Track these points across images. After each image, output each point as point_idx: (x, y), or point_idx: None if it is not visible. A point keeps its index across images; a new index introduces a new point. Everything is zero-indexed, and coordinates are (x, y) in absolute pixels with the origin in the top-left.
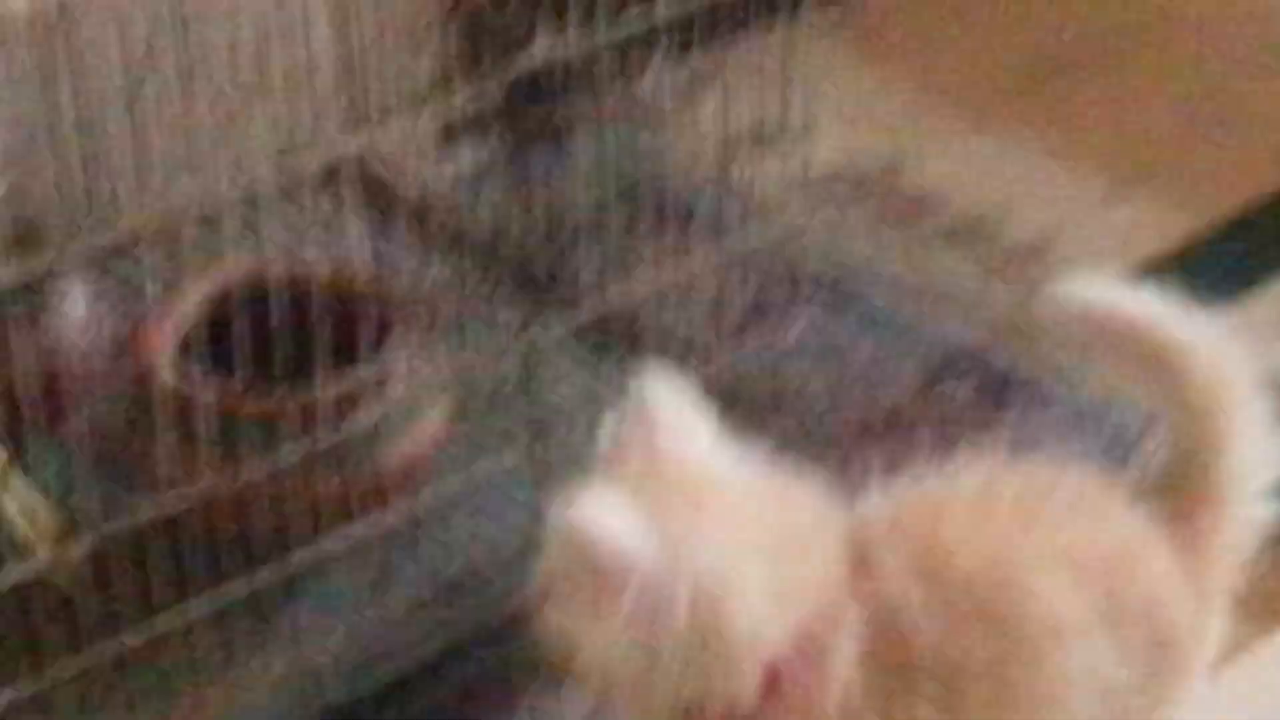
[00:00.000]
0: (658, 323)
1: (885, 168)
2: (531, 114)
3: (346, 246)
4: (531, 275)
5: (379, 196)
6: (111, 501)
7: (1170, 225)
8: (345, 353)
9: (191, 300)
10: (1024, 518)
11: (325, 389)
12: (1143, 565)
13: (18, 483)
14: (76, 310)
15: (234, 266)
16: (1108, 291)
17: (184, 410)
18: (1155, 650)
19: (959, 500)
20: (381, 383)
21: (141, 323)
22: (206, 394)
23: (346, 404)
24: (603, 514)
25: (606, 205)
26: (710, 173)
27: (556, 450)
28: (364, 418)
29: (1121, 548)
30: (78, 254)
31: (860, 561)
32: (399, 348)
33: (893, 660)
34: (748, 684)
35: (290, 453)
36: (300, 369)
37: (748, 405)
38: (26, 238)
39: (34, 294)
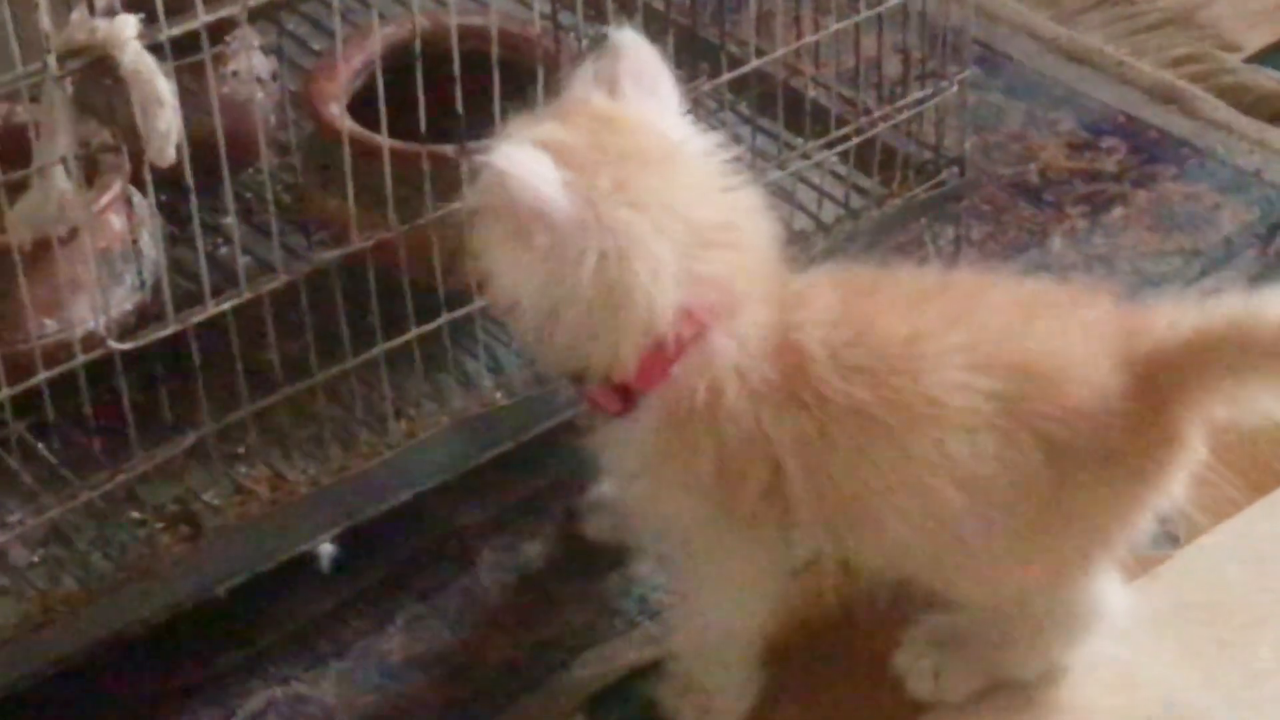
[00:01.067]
0: (817, 81)
1: None
2: None
3: (520, 4)
4: (696, 34)
5: None
6: (292, 249)
7: None
8: (521, 107)
9: (363, 56)
10: (952, 314)
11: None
12: (1065, 381)
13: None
14: (249, 63)
15: (403, 22)
16: None
17: (362, 159)
18: (1061, 461)
19: (905, 285)
20: None
21: (315, 77)
22: (385, 142)
23: None
24: (525, 158)
25: None
26: None
27: None
28: None
29: (1044, 360)
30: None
31: (794, 301)
32: None
33: (785, 389)
34: (630, 353)
35: (467, 201)
36: (472, 125)
37: (902, 163)
38: None
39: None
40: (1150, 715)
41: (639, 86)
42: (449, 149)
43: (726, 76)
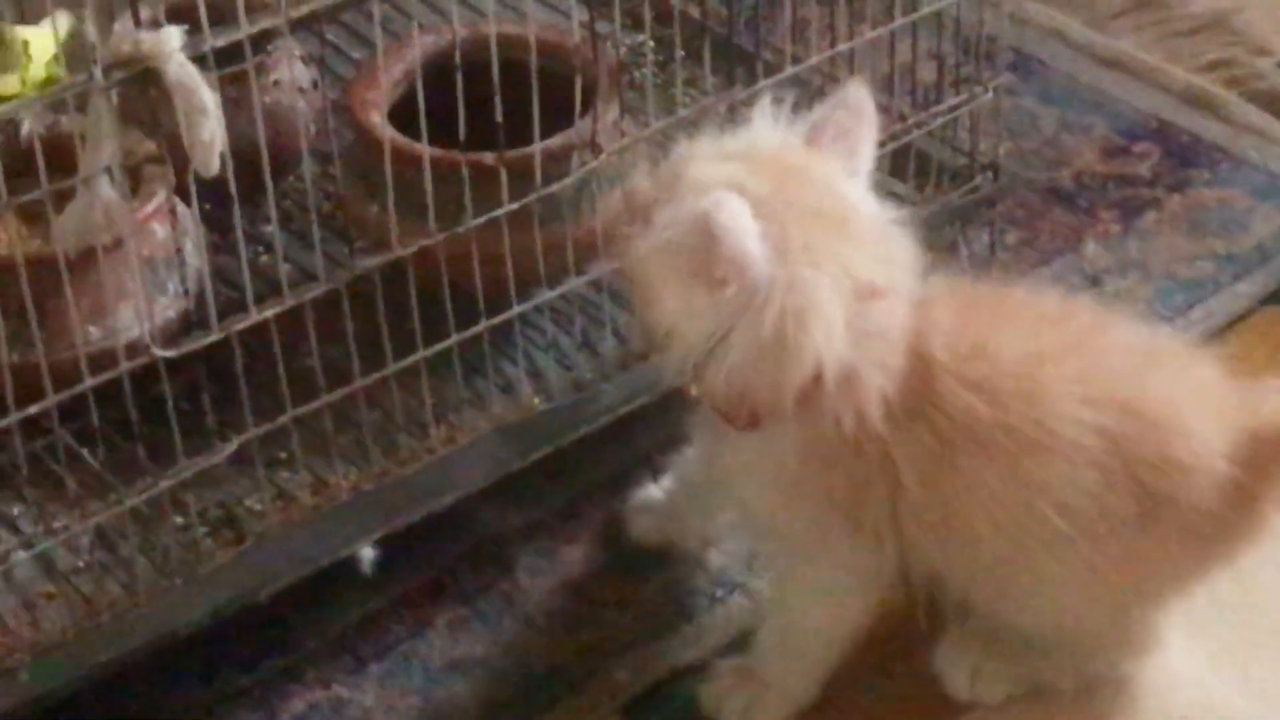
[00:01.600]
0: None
1: None
2: None
3: (558, 15)
4: (733, 41)
5: None
6: (334, 256)
7: None
8: (557, 117)
9: (403, 65)
10: (1072, 343)
11: (539, 147)
12: (1173, 432)
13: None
14: (290, 73)
15: (443, 31)
16: None
17: (402, 167)
18: (1152, 509)
19: (1024, 305)
20: (589, 143)
21: (355, 86)
22: (426, 150)
23: (559, 161)
24: (735, 209)
25: None
26: None
27: None
28: (575, 174)
29: (1156, 406)
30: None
31: (919, 313)
32: (607, 111)
33: (912, 400)
34: (788, 398)
35: (505, 206)
36: (511, 133)
37: (936, 169)
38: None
39: (255, 58)
40: (1186, 716)
41: (840, 142)
42: (488, 156)
43: (763, 84)
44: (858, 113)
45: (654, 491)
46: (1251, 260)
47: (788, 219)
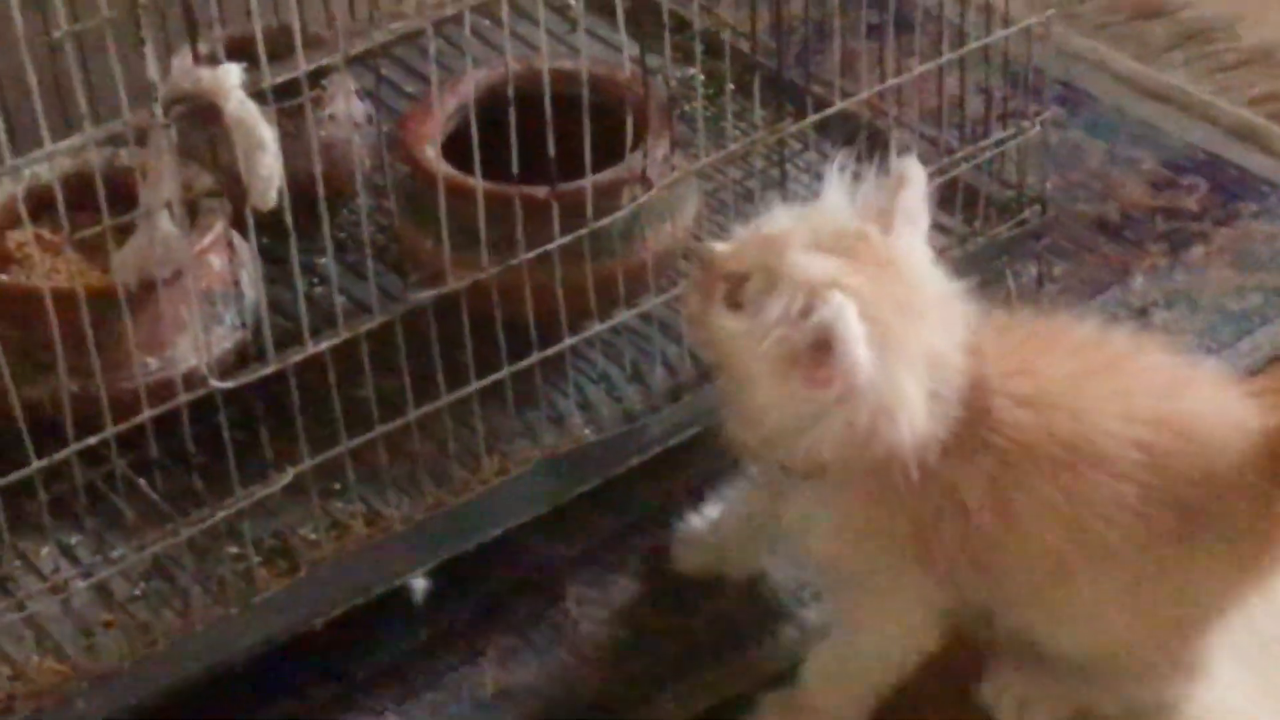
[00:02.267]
0: (901, 119)
1: None
2: None
3: (609, 49)
4: (781, 77)
5: (641, 6)
6: (387, 289)
7: None
8: (607, 151)
9: (457, 100)
10: (1111, 363)
11: (590, 181)
12: (1210, 448)
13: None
14: (345, 107)
15: (496, 66)
16: None
17: (456, 200)
18: (1190, 524)
19: (1064, 330)
20: (639, 177)
21: (409, 121)
22: (479, 184)
23: (610, 195)
24: (854, 321)
25: (850, 10)
26: None
27: None
28: (626, 209)
29: (1194, 422)
30: (348, 55)
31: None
32: (657, 146)
33: (971, 431)
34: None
35: (557, 240)
36: (563, 168)
37: (984, 202)
38: (282, 40)
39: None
40: None
41: (909, 222)
42: (541, 191)
43: (812, 118)
44: (918, 190)
45: (698, 522)
46: None
47: (887, 318)
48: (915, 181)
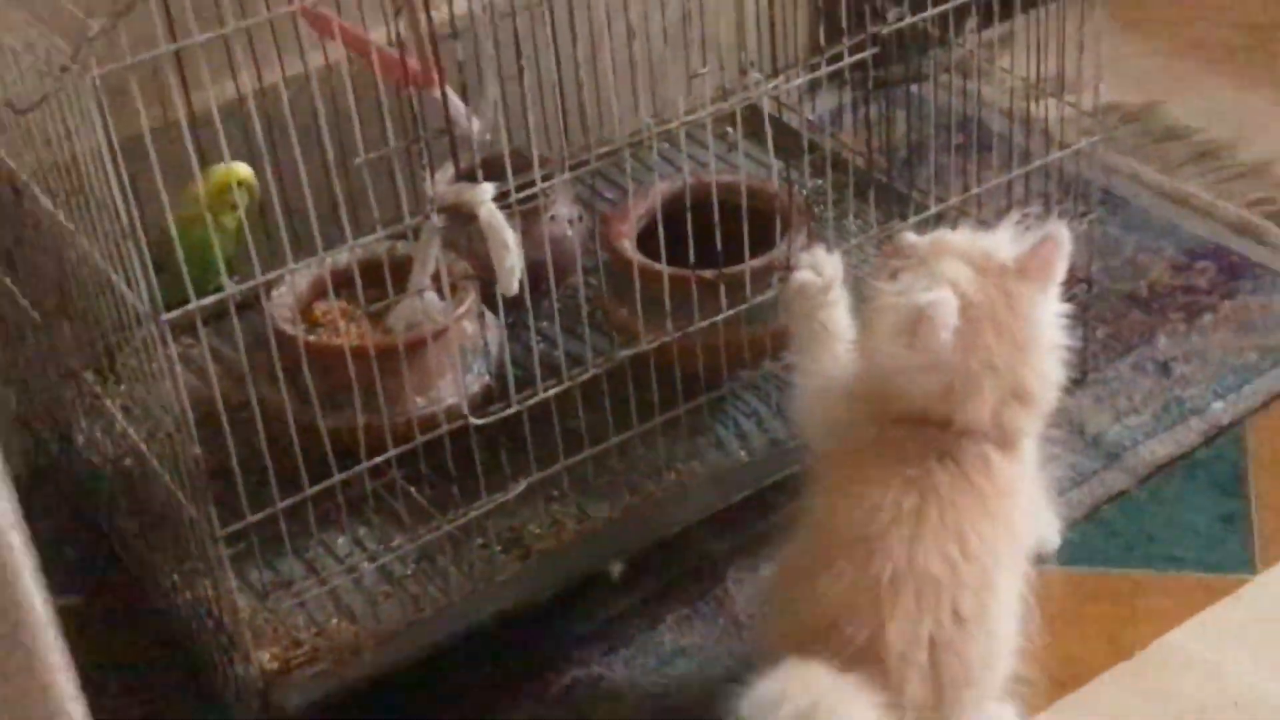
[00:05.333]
0: (981, 219)
1: (1144, 106)
2: (882, 68)
3: (760, 166)
4: (888, 185)
5: (780, 132)
6: (597, 348)
7: None
8: (760, 243)
9: (646, 205)
10: None
11: (747, 266)
12: None
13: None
14: (564, 210)
15: (677, 180)
16: None
17: (646, 281)
18: None
19: None
20: (784, 263)
21: (611, 221)
22: (664, 269)
23: (762, 276)
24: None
25: (939, 134)
26: (1017, 109)
27: None
28: (773, 287)
29: None
30: (568, 172)
31: None
32: (797, 239)
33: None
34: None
35: (723, 312)
36: (727, 255)
37: None
38: (520, 161)
39: (541, 201)
40: (1235, 700)
41: (1045, 273)
42: (710, 274)
43: (914, 219)
44: (1058, 247)
45: None
46: None
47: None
48: (1061, 243)
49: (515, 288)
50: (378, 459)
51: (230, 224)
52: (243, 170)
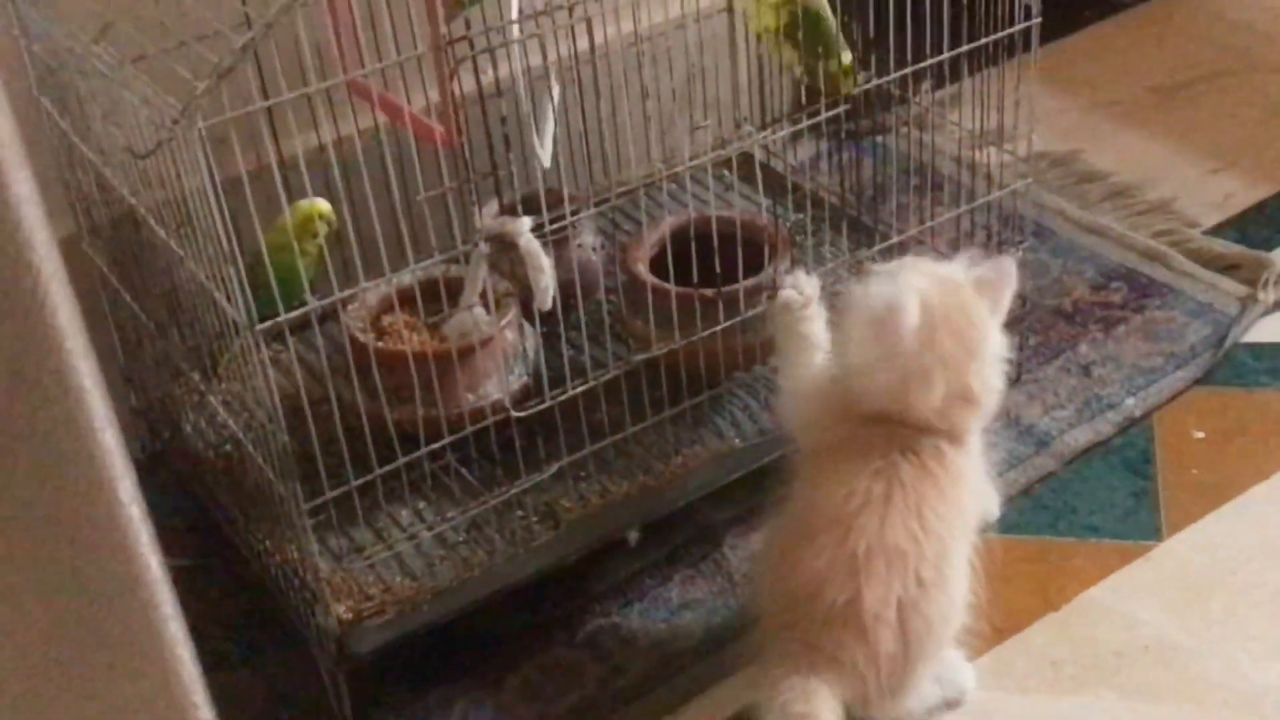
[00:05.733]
0: (934, 247)
1: (1068, 153)
2: (853, 121)
3: (751, 203)
4: (857, 219)
5: (769, 175)
6: (617, 354)
7: (1253, 192)
8: (751, 267)
9: (658, 235)
10: None
11: (741, 286)
12: None
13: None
14: (589, 239)
15: (683, 214)
16: None
17: (658, 298)
18: None
19: None
20: (772, 284)
21: (629, 248)
22: (673, 289)
23: (753, 295)
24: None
25: (900, 177)
26: (964, 156)
27: None
28: (762, 304)
29: None
30: (594, 208)
31: None
32: (782, 264)
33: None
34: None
35: (721, 324)
36: (724, 277)
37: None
38: (552, 198)
39: (570, 231)
40: (1145, 645)
41: (994, 296)
42: (710, 292)
43: (878, 247)
44: (1006, 277)
45: None
46: (1186, 357)
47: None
48: (1010, 273)
49: (549, 304)
50: (435, 445)
51: (312, 250)
52: (323, 205)
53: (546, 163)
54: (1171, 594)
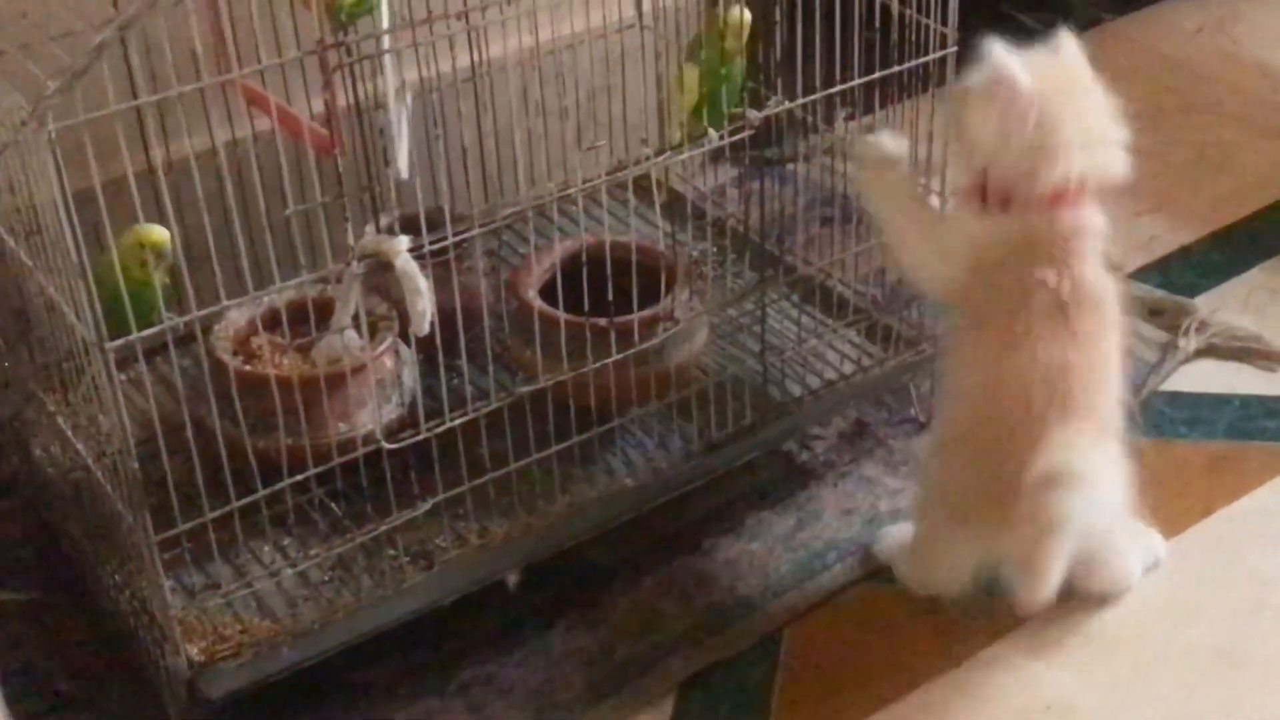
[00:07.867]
0: (844, 281)
1: None
2: (764, 149)
3: (650, 229)
4: (764, 250)
5: (671, 198)
6: (502, 383)
7: (1179, 235)
8: (648, 296)
9: (549, 260)
10: None
11: (636, 316)
12: None
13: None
14: (478, 264)
15: (576, 239)
16: None
17: (547, 326)
18: None
19: None
20: (669, 315)
21: (517, 272)
22: (562, 317)
23: (649, 326)
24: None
25: (810, 207)
26: None
27: (775, 361)
28: (658, 336)
29: None
30: (479, 229)
31: None
32: (680, 294)
33: None
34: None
35: (613, 355)
36: (618, 306)
37: (896, 337)
38: (446, 219)
39: (453, 253)
40: (1049, 704)
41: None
42: (603, 321)
43: (786, 279)
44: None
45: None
46: None
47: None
48: (1070, 49)
49: (426, 329)
50: (299, 476)
51: (142, 277)
52: (156, 234)
53: (404, 175)
54: (1078, 652)
